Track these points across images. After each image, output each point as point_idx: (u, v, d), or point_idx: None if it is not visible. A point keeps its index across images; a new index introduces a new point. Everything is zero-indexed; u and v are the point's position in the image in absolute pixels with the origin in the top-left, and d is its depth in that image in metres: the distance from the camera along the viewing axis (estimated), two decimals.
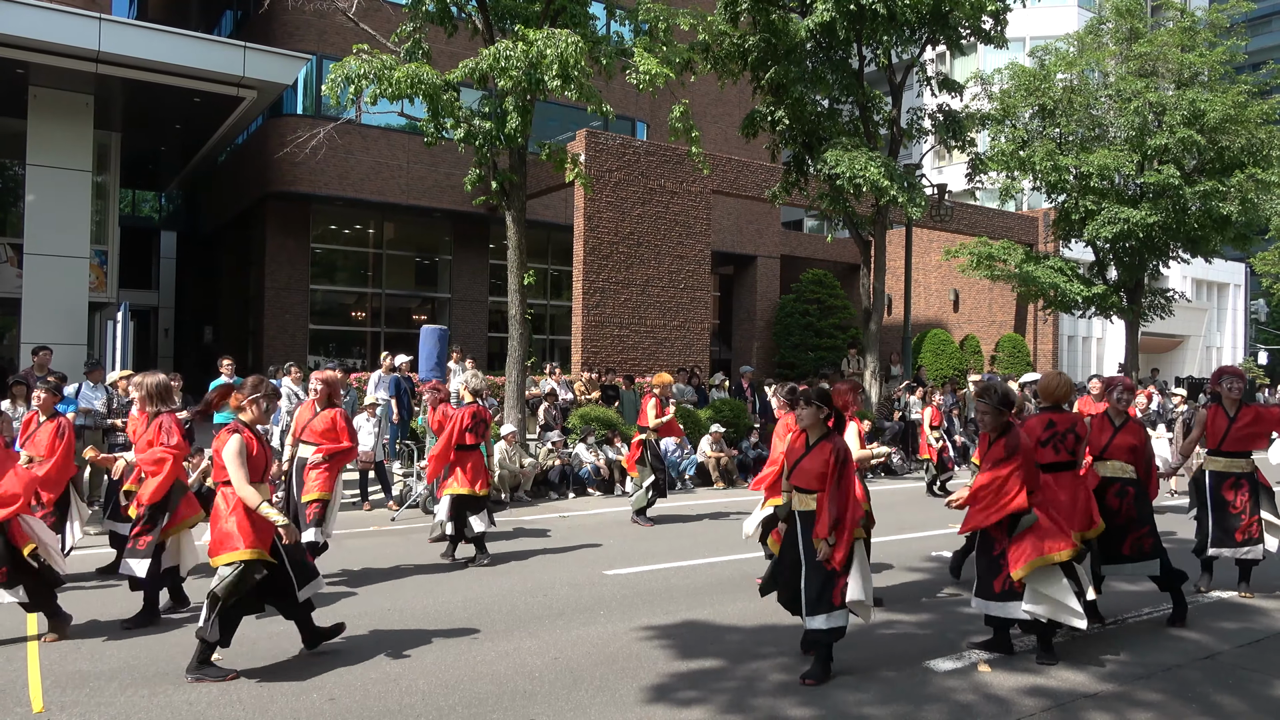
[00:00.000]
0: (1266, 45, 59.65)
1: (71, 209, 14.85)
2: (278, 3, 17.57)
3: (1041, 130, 21.59)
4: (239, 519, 5.14)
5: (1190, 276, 36.85)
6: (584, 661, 5.49)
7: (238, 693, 4.91)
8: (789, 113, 16.07)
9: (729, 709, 4.77)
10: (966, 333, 27.78)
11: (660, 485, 10.70)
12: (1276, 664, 5.65)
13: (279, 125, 20.18)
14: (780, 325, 25.49)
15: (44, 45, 12.98)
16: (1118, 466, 6.51)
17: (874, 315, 17.85)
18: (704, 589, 7.42)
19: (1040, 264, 21.83)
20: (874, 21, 15.11)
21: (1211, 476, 7.20)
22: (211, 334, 26.66)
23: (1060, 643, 5.91)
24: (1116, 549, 6.35)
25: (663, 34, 13.50)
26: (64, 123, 14.82)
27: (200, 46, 14.45)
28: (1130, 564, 6.39)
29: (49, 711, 4.63)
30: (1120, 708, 4.86)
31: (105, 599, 6.76)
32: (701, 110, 23.14)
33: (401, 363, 13.47)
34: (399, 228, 23.50)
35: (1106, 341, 33.08)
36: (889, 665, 5.43)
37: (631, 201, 18.30)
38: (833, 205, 16.80)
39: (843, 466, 5.11)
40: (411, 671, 5.27)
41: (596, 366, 17.36)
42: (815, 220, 32.62)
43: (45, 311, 14.45)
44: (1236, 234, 21.56)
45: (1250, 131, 19.84)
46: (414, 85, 11.75)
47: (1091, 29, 22.88)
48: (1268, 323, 43.80)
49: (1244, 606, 7.03)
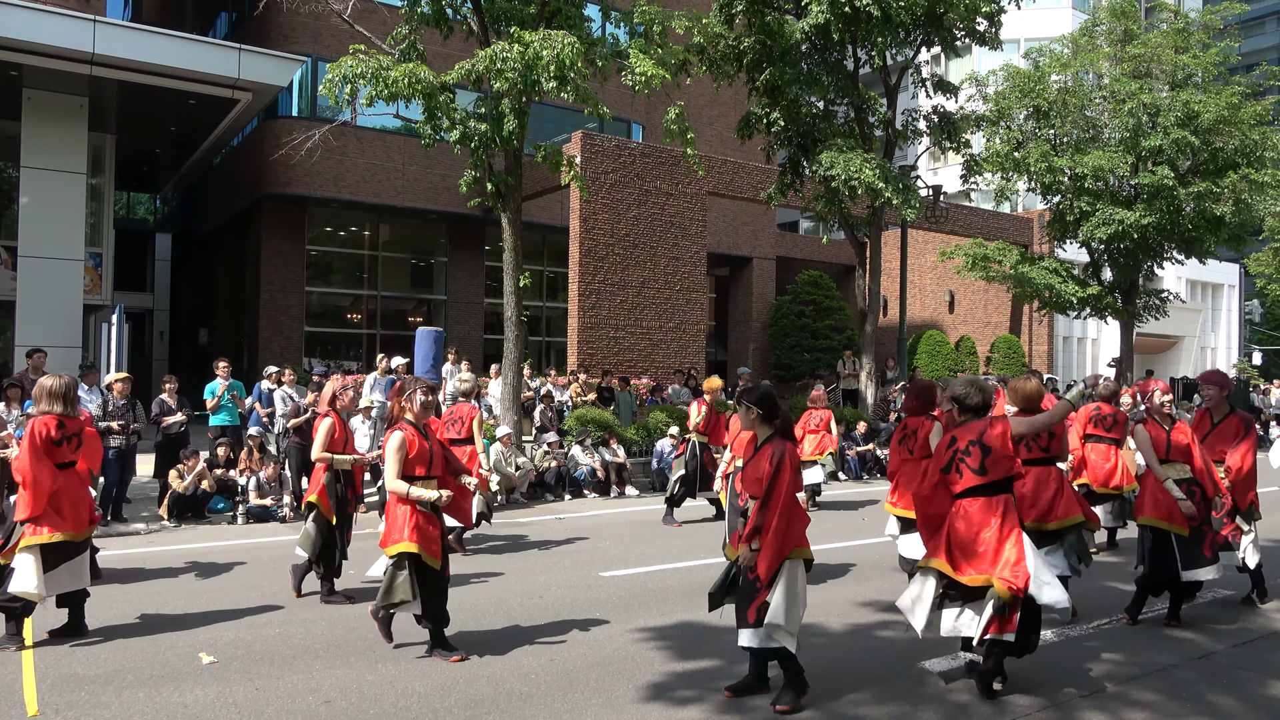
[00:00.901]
0: (1260, 47, 59.89)
1: (66, 211, 14.82)
2: (273, 5, 17.56)
3: (1036, 131, 21.64)
4: (403, 514, 5.44)
5: (1184, 277, 36.93)
6: (580, 663, 5.49)
7: (233, 695, 4.90)
8: (784, 114, 16.09)
9: (725, 710, 4.77)
10: (962, 334, 27.84)
11: (689, 481, 10.83)
12: (1271, 664, 5.67)
13: (274, 127, 20.17)
14: (776, 327, 25.52)
15: (38, 47, 12.95)
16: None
17: (870, 316, 17.87)
18: (700, 590, 7.40)
19: (1035, 265, 21.88)
20: (868, 23, 15.14)
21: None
22: (207, 336, 26.61)
23: (1058, 643, 5.93)
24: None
25: (658, 36, 13.50)
26: (58, 125, 14.79)
27: (195, 48, 14.43)
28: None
29: (44, 714, 4.62)
30: (1116, 707, 4.87)
31: (103, 600, 6.74)
32: (697, 112, 23.17)
33: (398, 365, 13.47)
34: (394, 230, 23.49)
35: (1102, 342, 33.15)
36: (885, 666, 5.43)
37: (627, 203, 18.31)
38: (828, 207, 16.83)
39: (776, 473, 4.66)
40: (407, 673, 5.27)
41: (592, 368, 17.36)
42: (811, 222, 32.65)
43: (40, 314, 14.41)
44: (1230, 235, 21.62)
45: (1244, 133, 19.91)
46: (411, 86, 11.74)
47: (1086, 30, 22.95)
48: (1262, 323, 43.90)
49: (1239, 606, 7.05)
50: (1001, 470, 4.92)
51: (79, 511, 5.87)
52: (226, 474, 10.95)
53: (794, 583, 4.71)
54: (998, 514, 4.88)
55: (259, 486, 10.75)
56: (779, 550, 4.66)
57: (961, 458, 4.97)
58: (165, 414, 10.92)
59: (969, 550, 4.89)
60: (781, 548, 4.66)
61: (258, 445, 11.18)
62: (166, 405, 10.99)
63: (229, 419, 11.73)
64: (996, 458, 4.89)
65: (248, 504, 10.64)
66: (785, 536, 4.66)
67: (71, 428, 5.91)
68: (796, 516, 4.72)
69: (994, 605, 4.78)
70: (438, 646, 5.54)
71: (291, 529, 10.24)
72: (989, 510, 4.89)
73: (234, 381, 11.98)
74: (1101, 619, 6.56)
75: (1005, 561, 4.79)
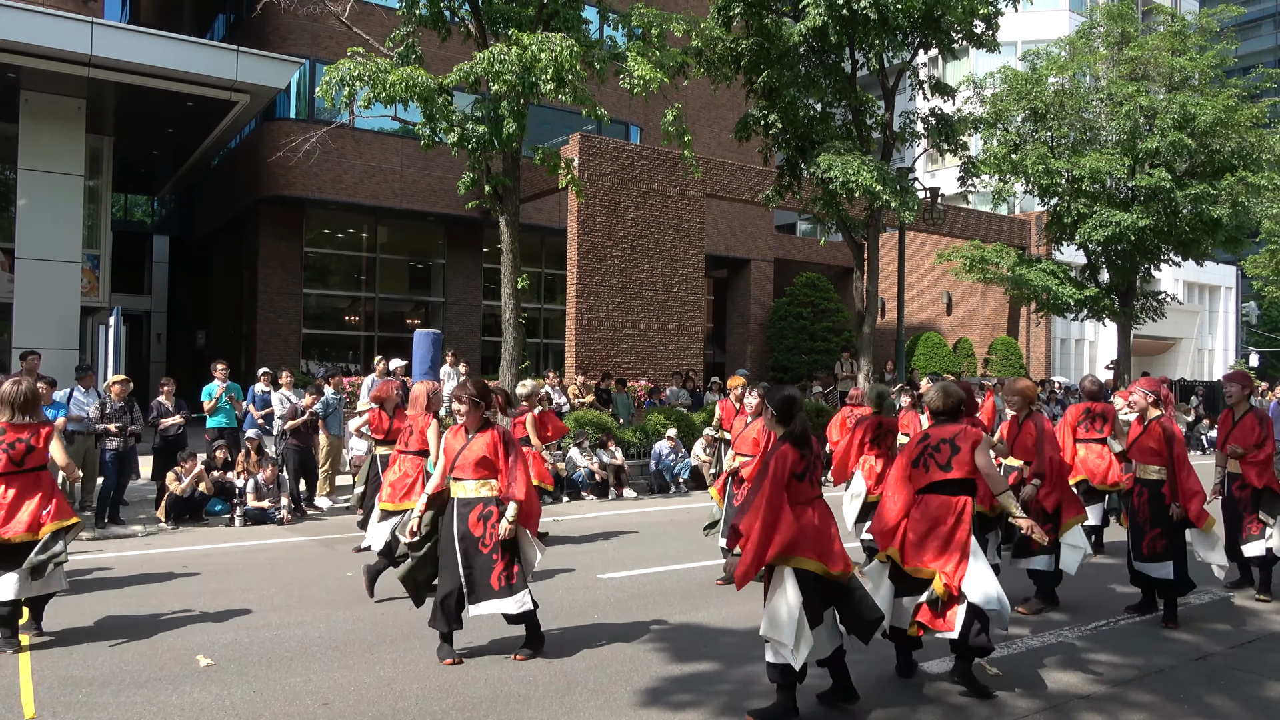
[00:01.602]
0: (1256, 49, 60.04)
1: (63, 213, 14.80)
2: (270, 7, 17.54)
3: (1033, 134, 21.68)
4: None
5: (1182, 279, 37.01)
6: (578, 665, 5.49)
7: (231, 697, 4.89)
8: (782, 116, 16.09)
9: (723, 712, 4.77)
10: (959, 336, 27.87)
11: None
12: (1268, 665, 5.68)
13: (272, 129, 20.16)
14: (774, 329, 25.52)
15: (35, 49, 12.92)
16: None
17: (867, 318, 17.87)
18: (698, 592, 7.42)
19: (1033, 267, 21.90)
20: (866, 26, 15.15)
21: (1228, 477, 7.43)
22: (204, 338, 26.58)
23: (1054, 644, 5.94)
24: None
25: (656, 38, 13.52)
26: (56, 127, 14.77)
27: (193, 50, 14.41)
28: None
29: (41, 716, 4.61)
30: (1113, 709, 4.88)
31: (101, 603, 6.73)
32: (695, 114, 23.18)
33: (396, 367, 13.46)
34: (392, 232, 23.47)
35: (1099, 344, 33.21)
36: (884, 667, 5.43)
37: (625, 205, 18.31)
38: (826, 209, 16.83)
39: (760, 476, 4.65)
40: (405, 676, 5.26)
41: (590, 370, 17.36)
42: (808, 224, 32.68)
43: (37, 316, 14.39)
44: (1227, 237, 21.68)
45: (1240, 135, 19.95)
46: (409, 88, 11.75)
47: (1083, 33, 23.00)
48: (1259, 325, 43.97)
49: (1238, 608, 7.06)
50: (964, 471, 5.06)
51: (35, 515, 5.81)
52: (224, 476, 10.93)
53: (780, 593, 4.51)
54: (954, 513, 5.02)
55: (257, 489, 10.73)
56: (757, 554, 4.49)
57: (931, 454, 5.15)
58: (163, 416, 10.91)
59: (922, 543, 5.04)
60: (760, 552, 4.48)
61: (255, 447, 11.16)
62: (164, 407, 10.97)
63: (226, 421, 11.71)
64: (962, 459, 5.06)
65: (245, 506, 10.62)
66: (766, 541, 4.48)
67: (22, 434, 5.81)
68: (786, 522, 4.50)
69: (927, 595, 4.94)
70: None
71: (289, 531, 10.24)
72: (948, 509, 5.04)
73: (231, 384, 11.97)
74: (1099, 621, 6.57)
75: (949, 558, 4.94)
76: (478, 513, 5.49)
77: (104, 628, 6.14)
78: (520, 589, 5.45)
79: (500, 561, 5.43)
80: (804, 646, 4.44)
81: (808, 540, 4.56)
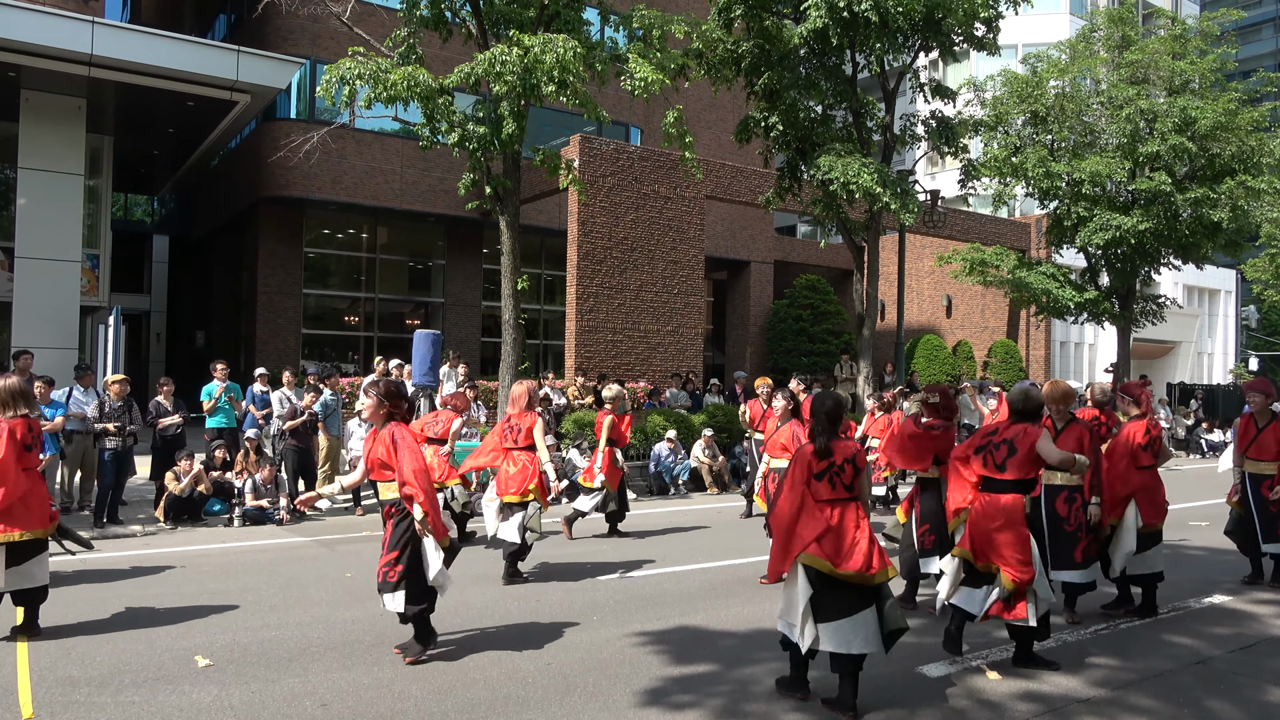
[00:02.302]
0: (1257, 53, 60.11)
1: (63, 212, 14.79)
2: (271, 7, 17.54)
3: (1034, 137, 21.69)
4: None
5: (1181, 283, 36.99)
6: (577, 667, 5.48)
7: (229, 698, 4.88)
8: (782, 118, 16.10)
9: (722, 714, 4.76)
10: (959, 338, 27.86)
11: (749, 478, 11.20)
12: (1268, 669, 5.67)
13: (272, 129, 20.16)
14: (773, 331, 25.51)
15: (36, 48, 12.93)
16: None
17: (867, 321, 17.87)
18: (697, 594, 7.42)
19: (1033, 270, 21.90)
20: (866, 28, 15.16)
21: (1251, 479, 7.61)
22: (203, 338, 26.56)
23: (1055, 647, 5.93)
24: None
25: (657, 40, 13.52)
26: (56, 126, 14.77)
27: (193, 50, 14.41)
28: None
29: (39, 716, 4.59)
30: (1113, 712, 4.87)
31: (99, 602, 6.72)
32: (695, 116, 23.19)
33: (395, 367, 13.45)
34: (392, 232, 23.47)
35: (1099, 348, 33.19)
36: (882, 669, 5.43)
37: (625, 207, 18.31)
38: (826, 211, 16.83)
39: (781, 480, 5.01)
40: (404, 677, 5.25)
41: (590, 371, 17.35)
42: (808, 226, 32.70)
43: (36, 315, 14.38)
44: (1227, 240, 21.68)
45: (1240, 139, 19.96)
46: (410, 88, 11.74)
47: (1083, 36, 23.02)
48: (1259, 329, 43.99)
49: (1236, 611, 7.05)
50: (1019, 472, 5.34)
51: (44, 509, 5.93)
52: (223, 476, 10.92)
53: (793, 582, 4.83)
54: (1005, 514, 5.36)
55: (255, 489, 10.72)
56: (780, 551, 4.82)
57: (993, 450, 5.46)
58: (161, 416, 10.89)
59: (987, 543, 5.41)
60: (784, 549, 4.80)
61: (254, 447, 11.15)
62: (163, 407, 10.95)
63: (226, 421, 11.70)
64: (1017, 461, 5.33)
65: (244, 506, 10.61)
66: (787, 541, 4.79)
67: (37, 430, 5.99)
68: (802, 523, 4.76)
69: (999, 593, 5.35)
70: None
71: (288, 531, 10.23)
72: (1004, 510, 5.37)
73: (231, 384, 11.96)
74: (1099, 624, 6.57)
75: (1014, 556, 5.30)
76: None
77: (102, 627, 6.12)
78: (398, 588, 5.45)
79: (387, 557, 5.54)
80: (808, 633, 4.72)
81: (820, 538, 4.76)
